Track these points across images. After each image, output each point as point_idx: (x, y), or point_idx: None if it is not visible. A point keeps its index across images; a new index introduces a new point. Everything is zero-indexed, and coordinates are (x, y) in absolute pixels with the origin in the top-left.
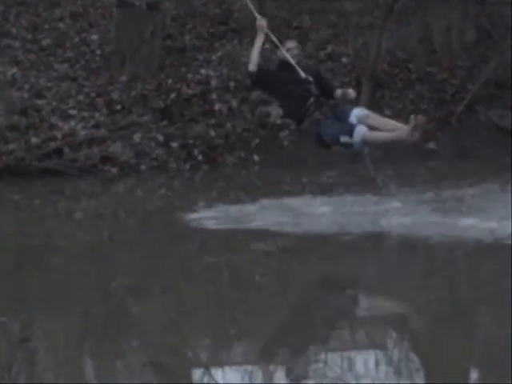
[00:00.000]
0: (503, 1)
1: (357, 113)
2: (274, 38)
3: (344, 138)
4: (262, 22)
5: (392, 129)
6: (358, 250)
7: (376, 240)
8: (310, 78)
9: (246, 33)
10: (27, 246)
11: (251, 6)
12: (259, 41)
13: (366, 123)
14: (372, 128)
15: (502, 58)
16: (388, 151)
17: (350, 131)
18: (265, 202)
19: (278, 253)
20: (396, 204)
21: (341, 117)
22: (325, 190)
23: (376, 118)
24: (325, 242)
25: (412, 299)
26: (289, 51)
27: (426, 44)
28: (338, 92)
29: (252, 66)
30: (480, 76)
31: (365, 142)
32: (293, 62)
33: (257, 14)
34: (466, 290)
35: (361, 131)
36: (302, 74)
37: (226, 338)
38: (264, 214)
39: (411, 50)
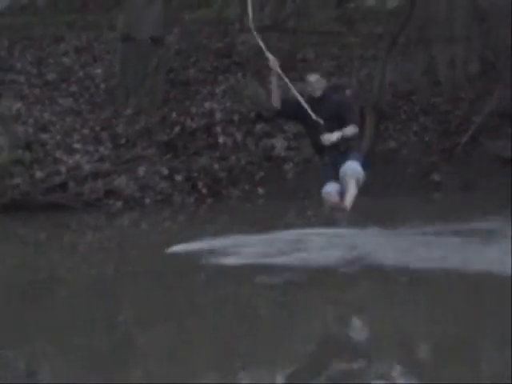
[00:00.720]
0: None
1: (345, 168)
2: (285, 79)
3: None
4: (273, 63)
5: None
6: (363, 282)
7: (380, 273)
8: (321, 121)
9: (250, 66)
10: (32, 279)
11: (264, 46)
12: (274, 79)
13: (343, 181)
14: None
15: (506, 90)
16: (390, 183)
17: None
18: (269, 234)
19: (283, 286)
20: (399, 237)
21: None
22: (330, 222)
23: (348, 183)
24: (331, 275)
25: (414, 331)
26: (308, 85)
27: (430, 76)
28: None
29: (275, 104)
30: (484, 107)
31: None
32: (303, 102)
33: (269, 55)
34: (467, 324)
35: (324, 191)
36: (313, 116)
37: (232, 369)
38: (269, 247)
39: (415, 82)
